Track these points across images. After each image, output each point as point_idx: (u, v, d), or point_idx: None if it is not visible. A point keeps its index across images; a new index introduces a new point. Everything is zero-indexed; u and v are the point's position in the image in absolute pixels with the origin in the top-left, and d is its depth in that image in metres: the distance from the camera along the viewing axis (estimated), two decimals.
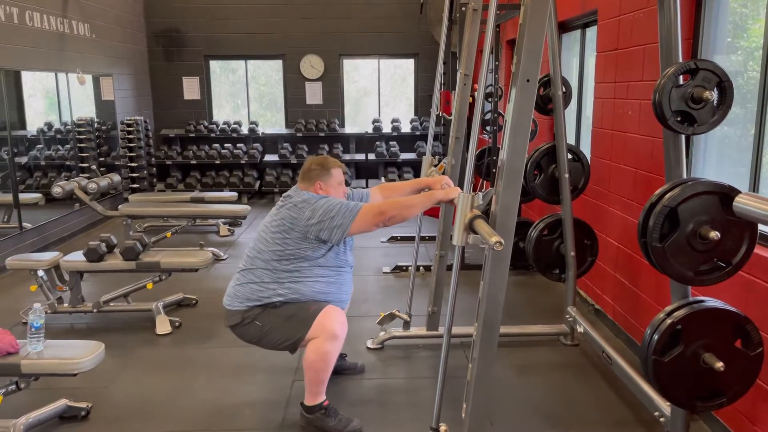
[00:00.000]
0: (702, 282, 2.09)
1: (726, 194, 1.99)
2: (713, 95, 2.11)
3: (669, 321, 2.07)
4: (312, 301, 2.82)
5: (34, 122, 6.60)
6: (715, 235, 1.99)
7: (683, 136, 2.22)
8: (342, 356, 3.48)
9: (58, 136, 6.86)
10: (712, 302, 2.11)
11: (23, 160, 6.24)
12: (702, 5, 3.16)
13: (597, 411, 3.08)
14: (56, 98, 6.79)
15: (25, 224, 5.79)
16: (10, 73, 5.81)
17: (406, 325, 3.86)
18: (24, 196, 5.96)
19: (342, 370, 3.41)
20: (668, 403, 2.49)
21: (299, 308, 2.79)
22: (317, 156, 3.04)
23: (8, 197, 5.70)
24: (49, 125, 6.79)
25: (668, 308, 2.12)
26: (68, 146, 6.95)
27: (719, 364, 2.03)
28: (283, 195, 2.96)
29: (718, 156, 3.26)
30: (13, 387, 2.78)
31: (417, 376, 3.48)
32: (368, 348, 3.79)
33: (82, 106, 7.19)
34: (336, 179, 2.95)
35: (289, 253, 2.77)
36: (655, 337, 2.07)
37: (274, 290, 2.78)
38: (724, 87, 2.11)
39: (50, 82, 6.67)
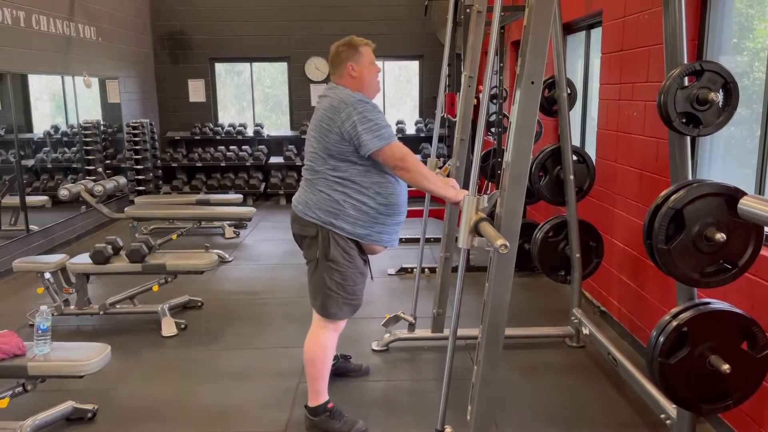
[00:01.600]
0: (708, 284, 2.08)
1: (732, 196, 1.99)
2: (719, 96, 2.10)
3: (675, 323, 2.06)
4: (363, 274, 2.81)
5: (40, 125, 6.64)
6: (720, 236, 1.99)
7: (688, 138, 2.22)
8: (347, 358, 3.48)
9: (65, 138, 6.90)
10: (718, 304, 2.10)
11: (30, 162, 6.28)
12: (707, 6, 3.15)
13: (602, 413, 3.07)
14: (63, 101, 6.83)
15: (32, 227, 5.82)
16: (17, 77, 5.85)
17: (411, 327, 3.86)
18: (31, 199, 5.99)
19: (347, 372, 3.41)
20: (674, 406, 2.48)
21: (352, 271, 2.75)
22: (343, 38, 2.87)
23: (15, 200, 5.73)
24: (56, 128, 6.83)
25: (674, 310, 2.11)
26: (74, 149, 6.99)
27: (725, 367, 2.02)
28: (319, 95, 2.83)
29: (724, 157, 3.24)
30: (20, 389, 2.79)
31: (422, 378, 3.48)
32: (373, 350, 3.79)
33: (89, 109, 7.23)
34: (367, 57, 2.78)
35: (337, 151, 2.64)
36: (661, 339, 2.06)
37: (341, 204, 2.66)
38: (730, 88, 2.11)
39: (57, 86, 6.71)
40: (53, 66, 6.34)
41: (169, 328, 4.08)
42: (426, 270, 5.26)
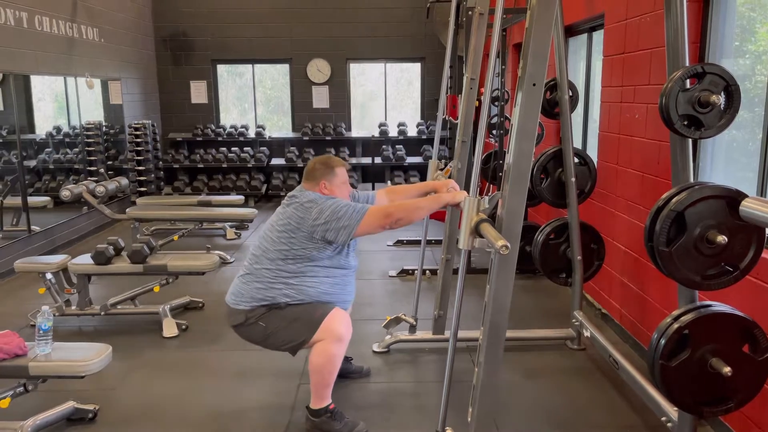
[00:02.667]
0: (709, 286, 2.08)
1: (733, 198, 1.98)
2: (720, 99, 2.10)
3: (676, 325, 2.06)
4: (317, 303, 2.82)
5: (43, 126, 6.65)
6: (722, 239, 1.98)
7: (690, 140, 2.22)
8: (348, 360, 3.48)
9: (67, 139, 6.91)
10: (720, 307, 2.10)
11: (32, 163, 6.29)
12: (709, 9, 3.15)
13: (604, 416, 3.06)
14: (65, 102, 6.84)
15: (33, 227, 5.83)
16: (19, 78, 5.86)
17: (412, 328, 3.86)
18: (33, 200, 6.00)
19: (348, 374, 3.41)
20: (675, 408, 2.48)
21: (304, 310, 2.79)
22: (320, 156, 3.03)
23: (17, 200, 5.75)
24: (58, 129, 6.85)
25: (675, 313, 2.11)
26: (77, 150, 7.00)
27: (727, 369, 2.02)
28: (288, 195, 2.95)
29: (726, 160, 3.24)
30: (21, 389, 2.79)
31: (423, 379, 3.47)
32: (374, 351, 3.79)
33: (91, 110, 7.24)
34: (340, 178, 2.94)
35: (295, 252, 2.77)
36: (662, 341, 2.06)
37: (280, 290, 2.78)
38: (732, 91, 2.11)
39: (59, 86, 6.72)
40: (56, 67, 6.35)
41: (170, 328, 4.08)
42: (427, 272, 5.26)
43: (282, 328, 2.79)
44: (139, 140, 7.84)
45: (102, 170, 7.10)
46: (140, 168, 7.91)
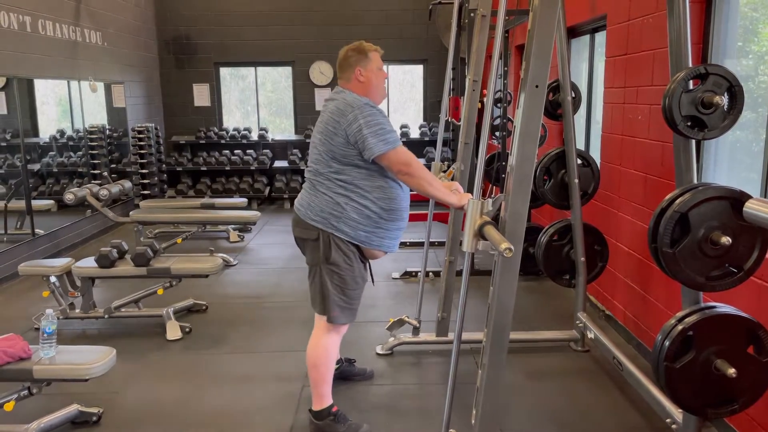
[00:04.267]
0: (713, 288, 2.08)
1: (737, 199, 1.98)
2: (723, 100, 2.10)
3: (680, 327, 2.05)
4: (362, 277, 2.81)
5: (46, 129, 6.67)
6: (726, 240, 1.98)
7: (693, 141, 2.22)
8: (351, 362, 3.48)
9: (71, 143, 6.93)
10: (724, 308, 2.10)
11: (36, 167, 6.31)
12: (712, 9, 3.15)
13: (608, 417, 3.06)
14: (68, 106, 6.86)
15: (37, 230, 5.84)
16: (23, 81, 5.88)
17: (416, 330, 3.86)
18: (37, 203, 6.01)
19: (351, 376, 3.41)
20: (680, 410, 2.47)
21: (353, 281, 2.77)
22: (351, 43, 2.88)
23: (21, 204, 5.76)
24: (62, 132, 6.86)
25: (679, 314, 2.10)
26: (80, 153, 7.02)
27: (731, 371, 2.01)
28: (326, 98, 2.84)
29: (730, 161, 3.24)
30: (26, 392, 2.80)
31: (426, 382, 3.47)
32: (377, 354, 3.78)
33: (94, 114, 7.26)
34: (375, 63, 2.81)
35: (341, 155, 2.65)
36: (667, 343, 2.06)
37: (344, 207, 2.67)
38: (735, 92, 2.11)
39: (63, 90, 6.74)
40: (59, 71, 6.37)
41: (173, 331, 4.09)
42: (430, 274, 5.25)
43: (330, 271, 2.73)
44: (142, 143, 7.85)
45: (105, 173, 7.11)
46: (143, 171, 7.92)
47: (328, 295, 2.76)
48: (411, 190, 2.78)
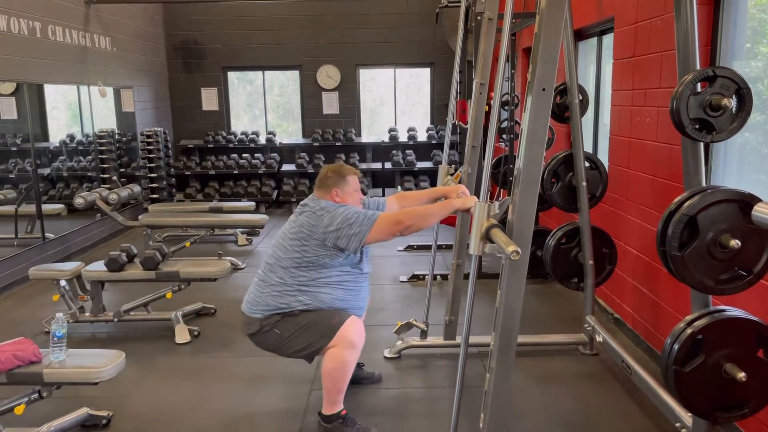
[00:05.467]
0: (723, 291, 2.06)
1: (746, 202, 1.97)
2: (732, 102, 2.09)
3: (690, 330, 2.04)
4: (332, 311, 2.82)
5: (56, 134, 6.72)
6: (735, 243, 1.97)
7: (702, 144, 2.21)
8: (359, 365, 3.48)
9: (80, 147, 6.98)
10: (734, 311, 2.09)
11: (46, 171, 6.36)
12: (720, 11, 3.13)
13: (617, 421, 3.04)
14: (78, 110, 6.91)
15: (47, 234, 5.89)
16: (33, 87, 5.93)
17: (423, 334, 3.85)
18: (47, 207, 6.06)
19: (359, 380, 3.41)
20: (689, 414, 2.46)
21: (319, 317, 2.79)
22: (332, 164, 3.06)
23: (32, 208, 5.81)
24: (71, 137, 6.91)
25: (689, 317, 2.09)
26: (90, 157, 7.07)
27: (741, 375, 2.00)
28: (301, 203, 2.97)
29: (739, 163, 3.22)
30: (36, 395, 2.81)
31: (434, 385, 3.47)
32: (385, 357, 3.78)
33: (103, 118, 7.31)
34: (352, 186, 2.95)
35: (308, 260, 2.78)
36: (676, 346, 2.05)
37: (294, 297, 2.79)
38: (743, 94, 2.10)
39: (72, 95, 6.79)
40: (69, 76, 6.42)
41: (182, 335, 4.10)
42: (438, 277, 5.25)
43: (297, 334, 2.79)
44: (151, 147, 7.90)
45: (115, 178, 7.16)
46: (152, 175, 7.97)
47: (313, 335, 2.78)
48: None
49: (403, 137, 9.35)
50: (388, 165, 9.11)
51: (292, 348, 2.84)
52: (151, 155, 7.92)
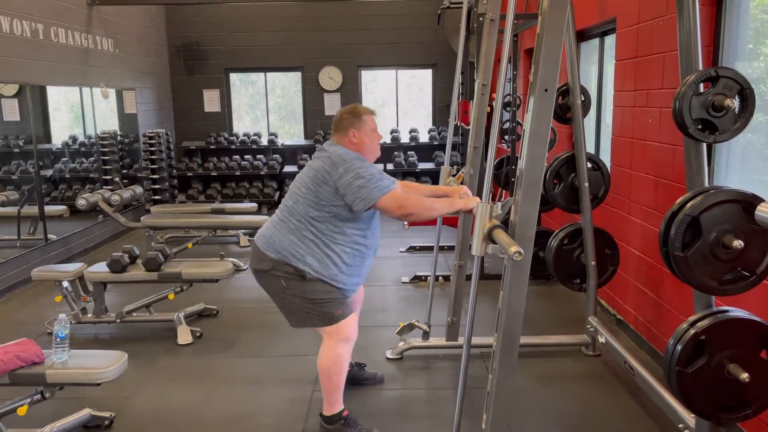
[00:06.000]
0: (726, 292, 2.06)
1: (749, 203, 1.97)
2: (734, 103, 2.09)
3: (692, 331, 2.04)
4: (339, 299, 2.79)
5: (59, 136, 6.73)
6: (738, 244, 1.97)
7: (704, 144, 2.21)
8: (361, 366, 3.48)
9: (83, 149, 6.99)
10: (737, 312, 2.08)
11: (48, 172, 6.37)
12: (722, 12, 3.13)
13: (620, 422, 3.04)
14: (80, 112, 6.92)
15: (50, 236, 5.89)
16: (35, 88, 5.94)
17: (426, 335, 3.85)
18: (49, 209, 6.07)
19: (361, 381, 3.41)
20: (693, 415, 2.45)
21: (326, 300, 2.76)
22: (348, 105, 2.98)
23: (34, 209, 5.81)
24: (74, 138, 6.93)
25: (692, 318, 2.09)
26: (92, 159, 7.08)
27: (744, 375, 1.99)
28: (318, 147, 2.90)
29: (742, 164, 3.21)
30: (39, 396, 2.82)
31: (437, 386, 3.46)
32: (387, 358, 3.78)
33: (106, 120, 7.32)
34: (369, 126, 2.86)
35: (322, 205, 2.71)
36: (679, 347, 2.04)
37: (309, 249, 2.72)
38: (746, 94, 2.10)
39: (75, 97, 6.81)
40: (71, 77, 6.43)
41: (184, 336, 4.11)
42: (440, 278, 5.25)
43: (300, 301, 2.76)
44: (153, 149, 7.91)
45: (117, 179, 7.17)
46: (154, 176, 7.98)
47: (305, 312, 2.77)
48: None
49: (405, 138, 9.35)
50: (390, 166, 9.11)
51: (287, 304, 2.81)
52: (153, 157, 7.93)
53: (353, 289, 2.91)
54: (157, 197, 7.96)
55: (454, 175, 3.68)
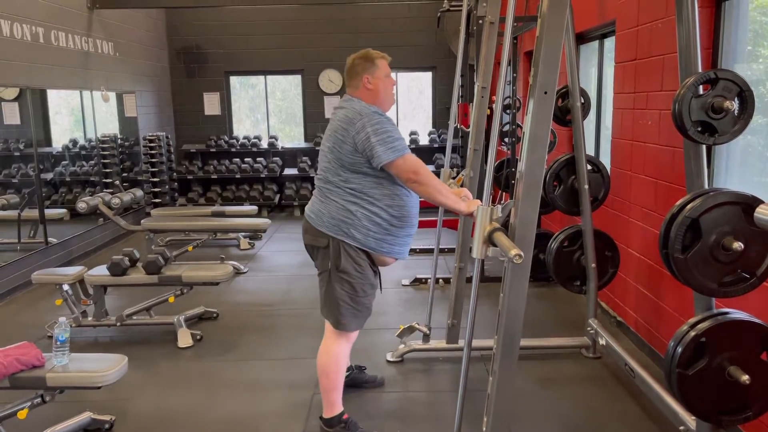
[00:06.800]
0: (726, 294, 2.06)
1: (749, 205, 1.97)
2: (734, 105, 2.09)
3: (693, 333, 2.04)
4: (371, 288, 2.81)
5: (59, 139, 6.74)
6: (738, 246, 1.97)
7: (704, 146, 2.21)
8: (362, 369, 3.48)
9: (83, 152, 6.99)
10: (737, 314, 2.08)
11: (49, 176, 6.37)
12: (721, 14, 3.14)
13: (620, 425, 3.03)
14: (81, 115, 6.93)
15: (50, 239, 5.89)
16: (36, 92, 5.95)
17: (426, 337, 3.85)
18: (49, 212, 6.07)
19: (361, 383, 3.41)
20: (693, 417, 2.45)
21: (360, 294, 2.77)
22: (359, 51, 2.89)
23: (34, 213, 5.82)
24: (74, 142, 6.93)
25: (692, 320, 2.09)
26: (92, 162, 7.08)
27: (745, 377, 1.99)
28: (335, 106, 2.86)
29: (741, 166, 3.22)
30: (39, 400, 2.82)
31: (437, 389, 3.46)
32: (388, 361, 3.78)
33: (106, 123, 7.33)
34: (383, 71, 2.81)
35: (349, 162, 2.66)
36: (679, 349, 2.04)
37: (354, 214, 2.67)
38: (745, 96, 2.10)
39: (75, 100, 6.81)
40: (72, 81, 6.44)
41: (184, 339, 4.10)
42: (440, 280, 5.25)
43: (340, 279, 2.74)
44: (153, 152, 7.92)
45: (117, 182, 7.17)
46: (155, 179, 7.99)
47: (339, 302, 2.77)
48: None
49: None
50: None
51: (333, 282, 2.75)
52: (153, 160, 7.94)
53: (405, 249, 2.85)
54: (157, 200, 7.96)
55: (454, 178, 3.68)
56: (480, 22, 3.75)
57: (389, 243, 2.77)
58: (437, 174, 2.91)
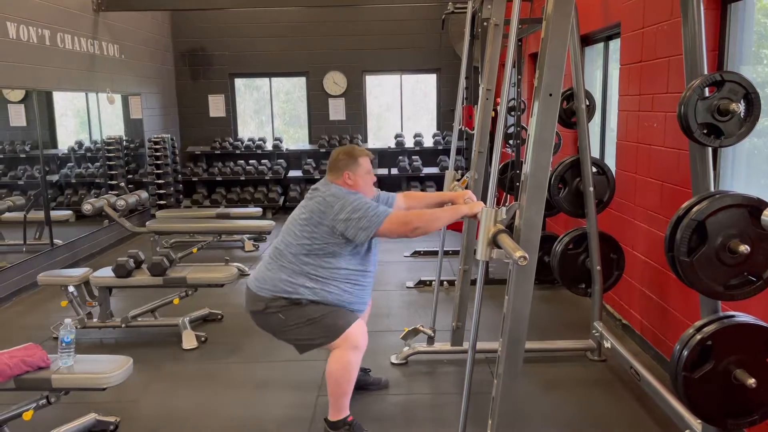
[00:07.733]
0: (732, 297, 2.05)
1: (755, 207, 1.96)
2: (740, 107, 2.08)
3: (699, 336, 2.03)
4: (339, 310, 2.80)
5: (65, 141, 6.77)
6: (744, 248, 1.96)
7: (710, 149, 2.20)
8: (366, 371, 3.47)
9: (88, 154, 7.02)
10: (743, 317, 2.07)
11: (55, 178, 6.40)
12: (727, 16, 3.13)
13: (625, 428, 3.02)
14: (86, 117, 6.96)
15: (56, 241, 5.92)
16: (42, 94, 5.98)
17: (431, 340, 3.85)
18: (55, 214, 6.09)
19: (366, 386, 3.41)
20: (699, 421, 2.44)
21: (326, 315, 2.77)
22: (343, 146, 3.02)
23: (40, 214, 5.84)
24: (80, 144, 6.96)
25: (698, 323, 2.08)
26: (98, 164, 7.11)
27: (751, 381, 1.98)
28: (311, 187, 2.94)
29: (747, 168, 3.20)
30: (44, 401, 2.82)
31: (441, 391, 3.46)
32: (392, 363, 3.78)
33: (112, 125, 7.36)
34: (364, 168, 2.91)
35: (317, 247, 2.75)
36: (685, 352, 2.03)
37: (302, 284, 2.76)
38: (751, 98, 2.09)
39: (81, 102, 6.84)
40: (78, 83, 6.47)
41: (189, 340, 4.11)
42: (445, 283, 5.25)
43: (301, 326, 2.78)
44: (158, 154, 7.94)
45: (122, 184, 7.19)
46: (160, 181, 8.01)
47: (315, 330, 2.77)
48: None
49: (409, 143, 9.35)
50: (394, 171, 9.12)
51: (292, 336, 2.83)
52: (158, 161, 7.96)
53: (359, 309, 2.93)
54: (162, 202, 7.98)
55: (458, 180, 3.68)
56: (485, 24, 3.75)
57: (323, 304, 2.82)
58: (441, 176, 2.93)
